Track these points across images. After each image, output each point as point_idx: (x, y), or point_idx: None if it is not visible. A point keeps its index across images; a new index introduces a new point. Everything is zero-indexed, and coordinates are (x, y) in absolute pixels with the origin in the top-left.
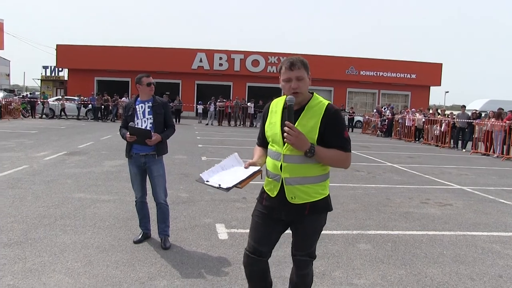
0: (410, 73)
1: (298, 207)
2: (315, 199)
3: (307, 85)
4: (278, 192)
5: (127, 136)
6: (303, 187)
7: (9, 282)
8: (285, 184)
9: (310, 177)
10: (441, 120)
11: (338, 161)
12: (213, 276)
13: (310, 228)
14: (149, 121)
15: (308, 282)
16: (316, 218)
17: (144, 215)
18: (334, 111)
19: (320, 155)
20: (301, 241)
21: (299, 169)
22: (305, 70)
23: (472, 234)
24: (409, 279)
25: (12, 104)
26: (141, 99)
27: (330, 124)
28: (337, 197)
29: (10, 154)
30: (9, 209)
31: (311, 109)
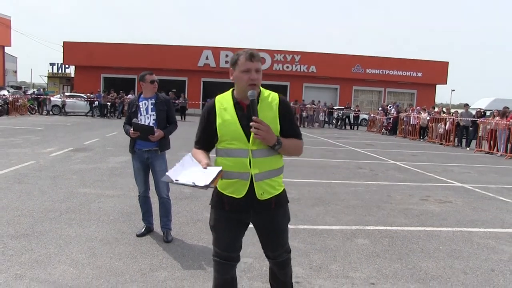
0: (416, 71)
1: (265, 203)
2: (278, 192)
3: (261, 79)
4: (247, 192)
5: (130, 132)
6: (270, 181)
7: (16, 272)
8: (255, 180)
9: (275, 170)
10: (446, 119)
11: (297, 149)
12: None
13: (281, 223)
14: (152, 118)
15: (290, 274)
16: (283, 212)
17: (147, 210)
18: (286, 101)
19: (285, 145)
20: (275, 239)
21: (267, 163)
22: (261, 64)
23: (469, 230)
24: (403, 272)
25: (19, 100)
26: (145, 96)
27: (286, 114)
28: (338, 193)
29: (17, 150)
30: (16, 203)
31: (265, 101)
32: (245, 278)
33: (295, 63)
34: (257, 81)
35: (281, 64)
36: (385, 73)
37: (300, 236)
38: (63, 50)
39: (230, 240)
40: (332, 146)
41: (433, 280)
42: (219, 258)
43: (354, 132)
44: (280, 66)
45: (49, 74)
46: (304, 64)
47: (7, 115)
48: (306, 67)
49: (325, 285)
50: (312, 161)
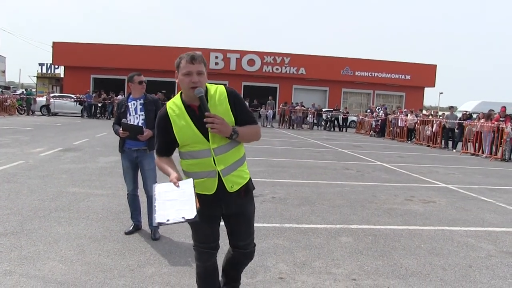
0: (405, 74)
1: (235, 194)
2: (246, 180)
3: (205, 80)
4: (217, 187)
5: (120, 132)
6: (236, 172)
7: (6, 268)
8: (222, 176)
9: (238, 160)
10: (433, 121)
11: (255, 134)
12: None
13: (250, 212)
14: (141, 118)
15: None
16: (250, 200)
17: (135, 208)
18: (234, 91)
19: (242, 133)
20: (245, 228)
21: (230, 156)
22: (204, 66)
23: (450, 229)
24: (385, 269)
25: (7, 100)
26: (133, 97)
27: (237, 103)
28: (324, 194)
29: (6, 150)
30: (5, 202)
31: (214, 97)
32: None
33: (285, 65)
34: (198, 84)
35: (270, 66)
36: (374, 76)
37: (285, 234)
38: (52, 50)
39: (207, 233)
40: (320, 147)
41: (412, 276)
42: (200, 247)
43: (342, 134)
44: (269, 68)
45: (38, 74)
46: (293, 66)
47: None
48: (295, 69)
49: (308, 280)
50: (300, 162)
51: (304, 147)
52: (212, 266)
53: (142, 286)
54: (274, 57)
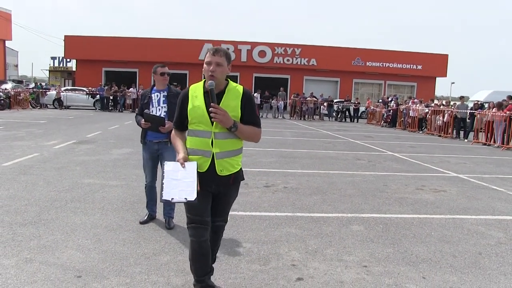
0: (416, 64)
1: (225, 178)
2: (236, 170)
3: (224, 72)
4: (209, 166)
5: (142, 122)
6: (230, 160)
7: (27, 256)
8: (216, 158)
9: (234, 150)
10: (444, 111)
11: (254, 135)
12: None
13: (232, 197)
14: (163, 110)
15: (219, 242)
16: (236, 187)
17: (152, 198)
18: (249, 93)
19: (241, 130)
20: (222, 209)
21: (227, 144)
22: (226, 60)
23: (461, 217)
24: (395, 256)
25: (21, 94)
26: (157, 88)
27: (247, 105)
28: (336, 183)
29: (21, 143)
30: (22, 193)
31: (230, 91)
32: (243, 261)
33: (296, 56)
34: (215, 73)
35: (281, 57)
36: (385, 66)
37: (297, 223)
38: (64, 44)
39: (202, 206)
40: (331, 138)
41: (423, 263)
42: (194, 223)
43: (353, 124)
44: (280, 59)
45: (50, 68)
46: (304, 57)
47: (9, 109)
48: (306, 60)
49: (320, 267)
50: (312, 153)
51: (316, 137)
52: (206, 243)
53: (158, 273)
54: (285, 48)
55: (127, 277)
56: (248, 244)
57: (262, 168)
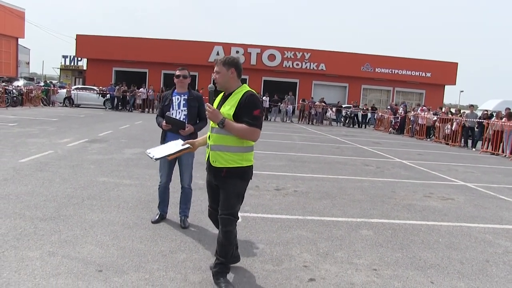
0: (425, 71)
1: (217, 170)
2: (230, 165)
3: (224, 78)
4: (208, 157)
5: (163, 124)
6: (222, 154)
7: (49, 250)
8: (210, 150)
9: (228, 146)
10: (452, 119)
11: (244, 133)
12: None
13: (229, 190)
14: (183, 113)
15: (231, 240)
16: (234, 182)
17: (164, 199)
18: (248, 96)
19: (228, 126)
20: (223, 201)
21: (219, 139)
22: (224, 67)
23: (468, 225)
24: (404, 260)
25: (33, 92)
26: (178, 91)
27: (243, 105)
28: (345, 188)
29: (35, 140)
30: (40, 189)
31: (236, 94)
32: (257, 262)
33: (305, 60)
34: (216, 80)
35: (291, 61)
36: (394, 73)
37: (308, 226)
38: (75, 43)
39: (209, 194)
40: (340, 143)
41: (431, 268)
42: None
43: (361, 130)
44: (290, 63)
45: (61, 66)
46: (313, 61)
47: (21, 106)
48: (315, 64)
49: (331, 269)
50: (321, 158)
51: (324, 142)
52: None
53: (175, 270)
54: (295, 53)
55: (146, 273)
56: (261, 245)
57: (272, 171)
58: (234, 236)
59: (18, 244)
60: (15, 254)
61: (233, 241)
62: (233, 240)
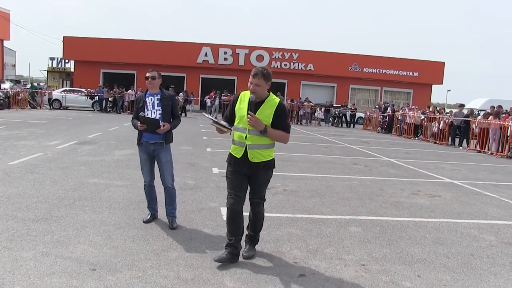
0: (413, 71)
1: (256, 164)
2: (266, 159)
3: (262, 89)
4: (243, 154)
5: (138, 125)
6: (260, 151)
7: (43, 250)
8: (248, 149)
9: (263, 144)
10: (439, 118)
11: (282, 138)
12: (219, 250)
13: (264, 179)
14: (158, 112)
15: (259, 217)
16: (266, 172)
17: (152, 198)
18: (282, 106)
19: (270, 133)
20: (257, 188)
21: (257, 139)
22: (263, 80)
23: (454, 221)
24: (392, 256)
25: (20, 94)
26: (150, 92)
27: (279, 114)
28: (334, 187)
29: (24, 143)
30: (31, 191)
31: (268, 103)
32: None
33: (293, 61)
34: (254, 92)
35: (279, 62)
36: (382, 72)
37: (298, 223)
38: (63, 44)
39: (237, 184)
40: (328, 143)
41: (418, 263)
42: (230, 195)
43: (350, 130)
44: (278, 64)
45: (48, 68)
46: (302, 62)
47: (8, 109)
48: (304, 65)
49: (321, 265)
50: (309, 157)
51: (313, 142)
52: (236, 211)
53: (167, 268)
54: (283, 53)
55: (139, 271)
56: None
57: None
58: (262, 215)
59: (11, 245)
60: (9, 255)
61: (261, 219)
62: (261, 218)
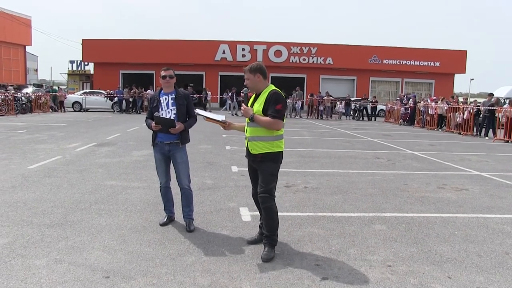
0: (434, 61)
1: (255, 156)
2: (264, 151)
3: (253, 82)
4: (247, 146)
5: (152, 125)
6: (257, 143)
7: (56, 257)
8: (248, 140)
9: (261, 136)
10: (463, 108)
11: (269, 124)
12: (237, 253)
13: (265, 171)
14: (172, 112)
15: (271, 215)
16: (268, 165)
17: (168, 200)
18: (271, 94)
19: (256, 120)
20: (261, 181)
21: (253, 131)
22: (251, 74)
23: (484, 216)
24: (419, 255)
25: (41, 98)
26: (164, 91)
27: (268, 101)
28: (356, 183)
29: (44, 146)
30: (48, 195)
31: (263, 94)
32: (268, 261)
33: (312, 55)
34: (248, 85)
35: (297, 57)
36: (402, 63)
37: (320, 223)
38: (82, 47)
39: (251, 176)
40: (350, 137)
41: (447, 263)
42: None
43: (371, 123)
44: (296, 59)
45: (69, 71)
46: (320, 56)
47: (30, 113)
48: (322, 59)
49: (344, 267)
50: (331, 152)
51: (334, 137)
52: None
53: (183, 274)
54: (301, 48)
55: (154, 278)
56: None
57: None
58: (274, 212)
59: (25, 252)
60: (22, 262)
61: (274, 217)
62: (273, 215)
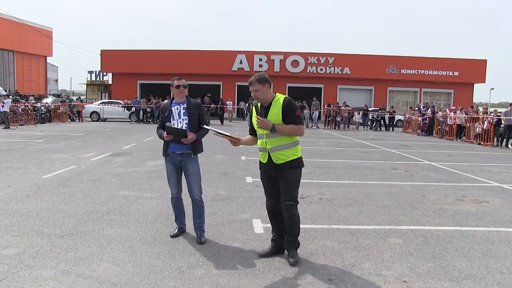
0: (453, 70)
1: (280, 165)
2: (290, 159)
3: (263, 93)
4: (268, 158)
5: (164, 135)
6: (282, 152)
7: (64, 268)
8: (270, 152)
9: (283, 145)
10: (483, 118)
11: (294, 131)
12: (248, 267)
13: (291, 179)
14: (184, 122)
15: (295, 221)
16: (293, 172)
17: (179, 211)
18: (287, 101)
19: (279, 129)
20: (285, 189)
21: (275, 141)
22: (260, 84)
23: (506, 230)
24: (436, 271)
25: (60, 108)
26: (176, 101)
27: (286, 110)
28: (372, 194)
29: (60, 155)
30: (60, 205)
31: (275, 103)
32: (279, 275)
33: (329, 65)
34: (255, 97)
35: (314, 67)
36: (421, 73)
37: (334, 235)
38: (100, 58)
39: (269, 187)
40: (367, 147)
41: (467, 279)
42: (267, 198)
43: (389, 133)
44: (314, 69)
45: (87, 81)
46: (338, 66)
47: (49, 122)
48: (340, 69)
49: (358, 282)
50: (347, 163)
51: (351, 147)
52: (274, 210)
53: (191, 287)
54: (318, 58)
55: None
56: (283, 257)
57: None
58: (297, 218)
59: (33, 263)
60: (29, 273)
61: (297, 222)
62: (297, 221)
